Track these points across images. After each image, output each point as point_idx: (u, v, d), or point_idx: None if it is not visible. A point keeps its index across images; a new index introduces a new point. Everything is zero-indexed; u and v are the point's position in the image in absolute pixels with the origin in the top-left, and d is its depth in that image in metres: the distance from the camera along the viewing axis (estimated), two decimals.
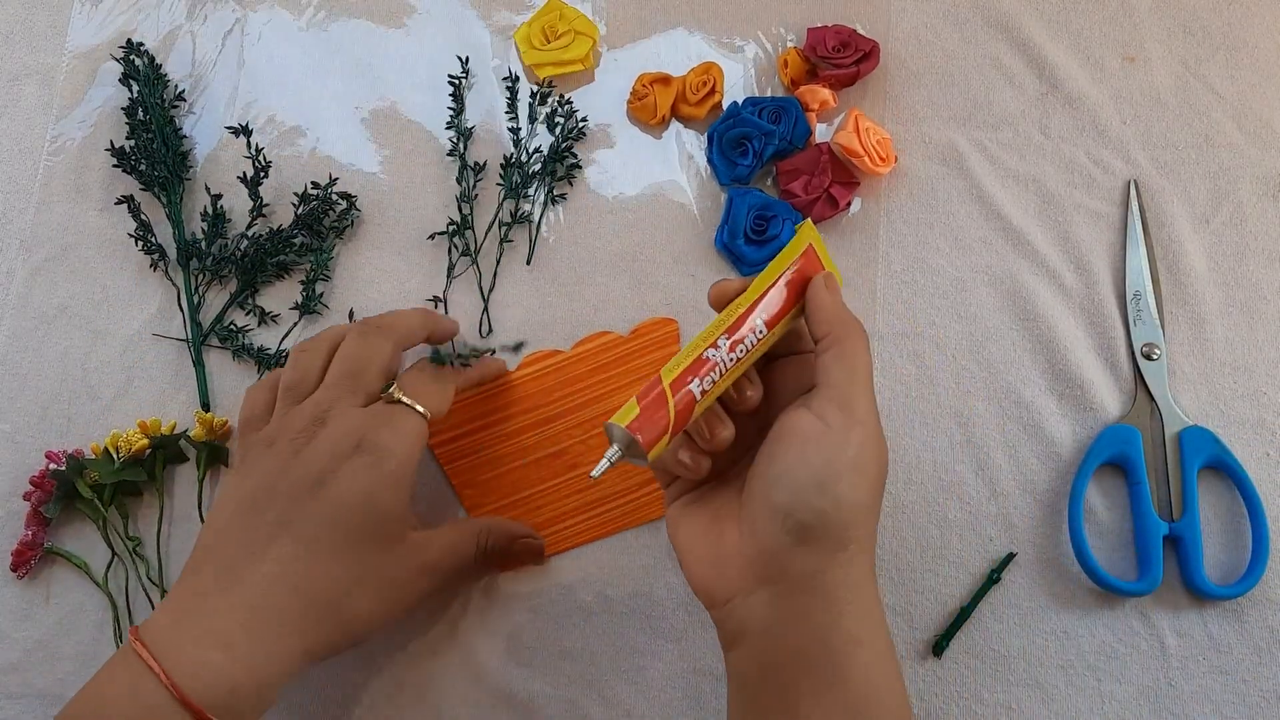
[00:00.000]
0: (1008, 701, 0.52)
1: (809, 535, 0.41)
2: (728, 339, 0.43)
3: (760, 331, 0.44)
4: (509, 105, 0.60)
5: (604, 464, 0.42)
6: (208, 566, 0.45)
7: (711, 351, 0.43)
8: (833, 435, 0.41)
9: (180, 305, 0.58)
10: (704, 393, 0.42)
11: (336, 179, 0.59)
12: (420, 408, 0.48)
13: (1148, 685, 0.52)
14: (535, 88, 0.60)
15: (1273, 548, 0.52)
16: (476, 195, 0.59)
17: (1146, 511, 0.53)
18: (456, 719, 0.53)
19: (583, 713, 0.52)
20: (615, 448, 0.42)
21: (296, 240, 0.58)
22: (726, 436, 0.44)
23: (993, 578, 0.53)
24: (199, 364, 0.57)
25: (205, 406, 0.56)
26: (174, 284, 0.58)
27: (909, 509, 0.54)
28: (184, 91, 0.61)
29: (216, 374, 0.57)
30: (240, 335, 0.57)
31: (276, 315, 0.58)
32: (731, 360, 0.43)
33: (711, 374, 0.43)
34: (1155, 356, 0.55)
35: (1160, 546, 0.52)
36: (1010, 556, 0.53)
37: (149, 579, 0.54)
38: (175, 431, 0.55)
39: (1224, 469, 0.54)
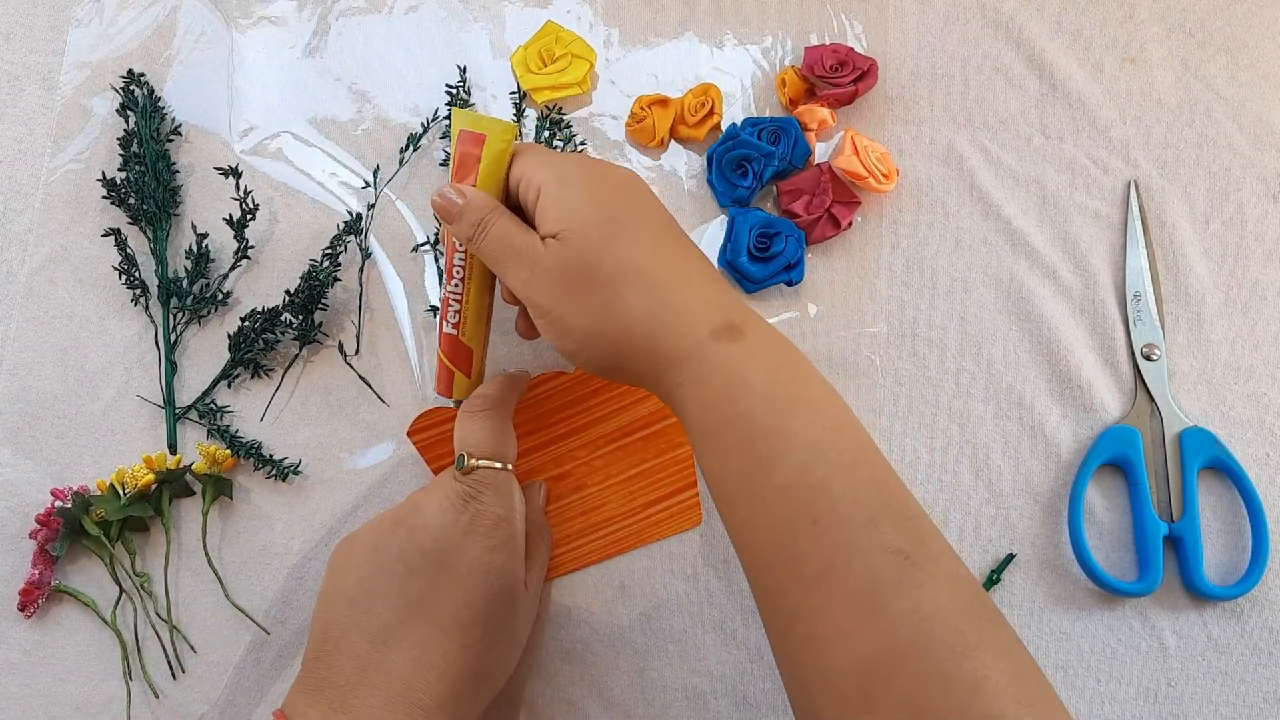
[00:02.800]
0: None
1: (603, 374, 0.44)
2: (447, 276, 0.49)
3: (460, 248, 0.48)
4: (515, 120, 0.60)
5: (450, 403, 0.52)
6: (343, 656, 0.44)
7: (444, 290, 0.49)
8: (534, 269, 0.43)
9: (157, 343, 0.57)
10: (456, 325, 0.49)
11: (339, 264, 0.57)
12: (498, 464, 0.48)
13: (1147, 686, 0.52)
14: (546, 110, 0.59)
15: (1272, 548, 0.52)
16: None
17: (1146, 512, 0.53)
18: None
19: (583, 713, 0.52)
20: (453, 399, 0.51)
21: (287, 320, 0.56)
22: (526, 333, 0.50)
23: (993, 579, 0.53)
24: (171, 431, 0.56)
25: (172, 449, 0.56)
26: (153, 320, 0.58)
27: None
28: (179, 125, 0.61)
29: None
30: (219, 415, 0.56)
31: (270, 369, 0.57)
32: (458, 288, 0.49)
33: (452, 308, 0.49)
34: (1155, 357, 0.55)
35: (1160, 547, 0.52)
36: (1010, 557, 0.54)
37: (158, 615, 0.54)
38: (180, 466, 0.55)
39: (1224, 470, 0.54)
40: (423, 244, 0.58)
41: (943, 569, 0.37)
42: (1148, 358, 0.55)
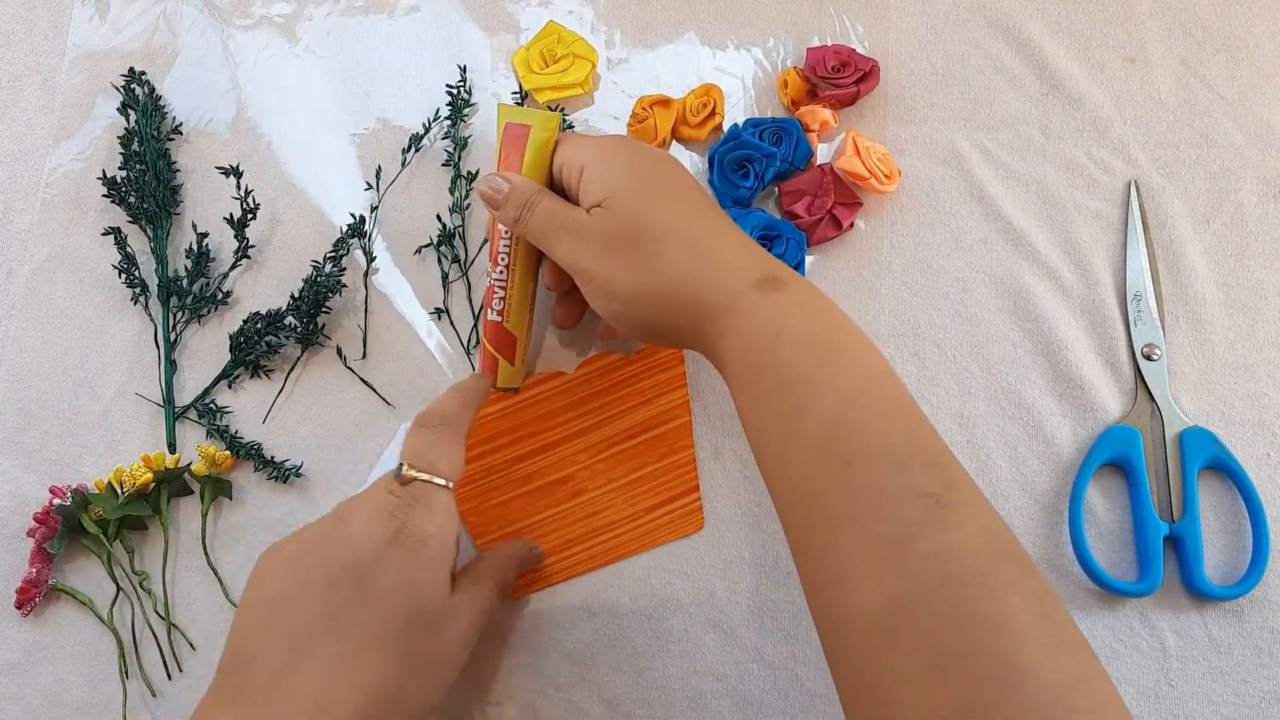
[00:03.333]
0: None
1: (646, 336, 0.47)
2: (492, 263, 0.50)
3: (505, 235, 0.50)
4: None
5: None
6: (258, 664, 0.42)
7: (489, 279, 0.51)
8: (580, 237, 0.45)
9: (157, 343, 0.57)
10: (501, 313, 0.50)
11: (343, 268, 0.57)
12: (439, 480, 0.45)
13: (1148, 686, 0.52)
14: (548, 108, 0.59)
15: (1273, 548, 0.52)
16: (469, 206, 0.59)
17: (1147, 512, 0.53)
18: (458, 719, 0.53)
19: (583, 713, 0.52)
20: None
21: (290, 323, 0.56)
22: (563, 321, 0.53)
23: None
24: (171, 429, 0.56)
25: (171, 448, 0.56)
26: (152, 320, 0.58)
27: None
28: (180, 124, 0.61)
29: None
30: (219, 415, 0.56)
31: (270, 370, 0.57)
32: (502, 274, 0.50)
33: (497, 295, 0.50)
34: (1156, 357, 0.55)
35: (1160, 547, 0.52)
36: None
37: (155, 613, 0.54)
38: (179, 465, 0.55)
39: (1224, 470, 0.54)
40: (426, 245, 0.58)
41: (972, 514, 0.37)
42: (1148, 358, 0.55)
